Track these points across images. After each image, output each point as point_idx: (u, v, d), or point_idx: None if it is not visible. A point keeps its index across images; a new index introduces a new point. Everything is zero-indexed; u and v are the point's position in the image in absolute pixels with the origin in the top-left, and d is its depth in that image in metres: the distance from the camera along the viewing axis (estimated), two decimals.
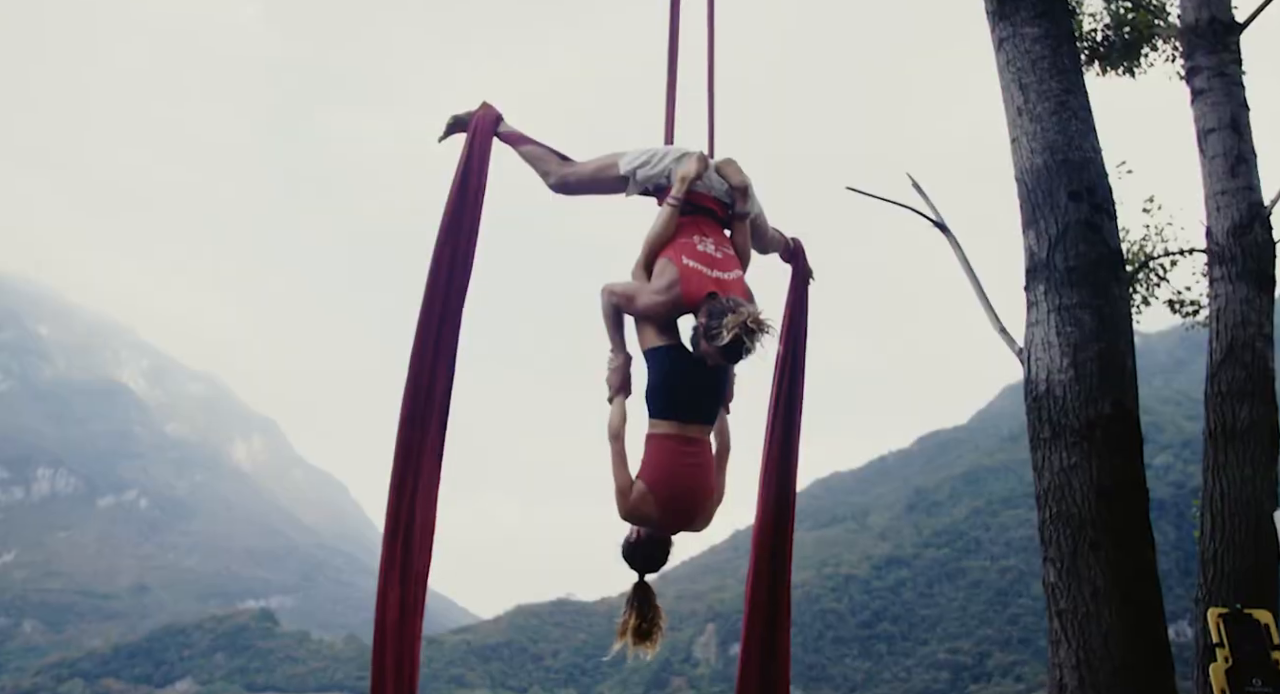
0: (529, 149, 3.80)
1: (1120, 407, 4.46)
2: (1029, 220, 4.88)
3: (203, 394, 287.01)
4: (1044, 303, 4.70)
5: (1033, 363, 4.69)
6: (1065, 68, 5.05)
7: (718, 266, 3.55)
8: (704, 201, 3.71)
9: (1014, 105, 5.08)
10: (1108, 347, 4.52)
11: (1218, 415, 5.48)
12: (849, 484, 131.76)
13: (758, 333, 3.27)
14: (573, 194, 3.86)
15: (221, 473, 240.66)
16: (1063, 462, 4.45)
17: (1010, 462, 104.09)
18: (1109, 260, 4.67)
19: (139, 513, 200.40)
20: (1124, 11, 7.82)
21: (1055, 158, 4.84)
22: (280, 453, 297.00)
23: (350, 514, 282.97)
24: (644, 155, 3.76)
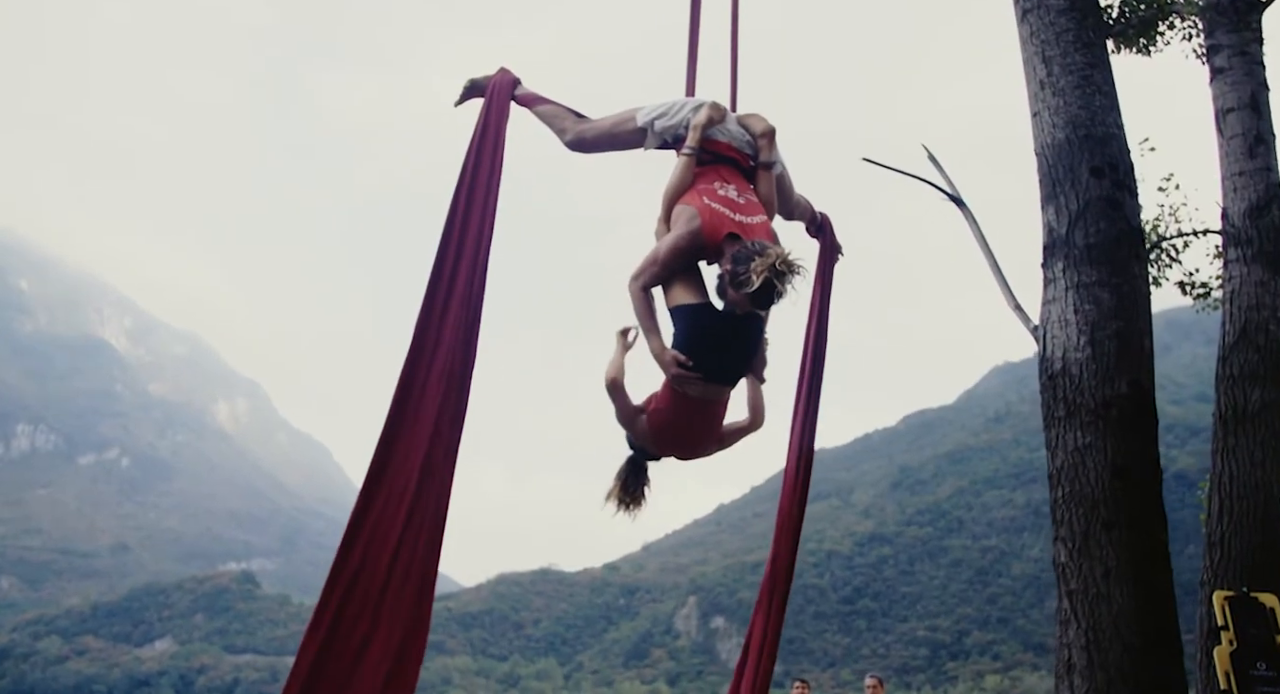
0: (546, 108, 3.73)
1: (1137, 386, 4.40)
2: (1049, 195, 4.79)
3: (186, 354, 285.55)
4: (1062, 280, 4.62)
5: (1048, 340, 4.62)
6: (1090, 41, 4.94)
7: (740, 211, 3.44)
8: (725, 150, 3.62)
9: (1036, 78, 4.97)
10: (1126, 326, 4.45)
11: (1229, 398, 5.42)
12: (834, 460, 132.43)
13: (788, 275, 3.14)
14: (590, 151, 3.78)
15: (204, 434, 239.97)
16: (1077, 441, 4.39)
17: (995, 442, 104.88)
18: (1130, 238, 4.59)
19: (120, 472, 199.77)
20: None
21: (1078, 133, 4.74)
22: (264, 415, 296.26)
23: (334, 478, 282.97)
24: (661, 107, 3.69)
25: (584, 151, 3.78)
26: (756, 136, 3.65)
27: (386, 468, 3.08)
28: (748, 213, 3.45)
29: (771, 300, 3.21)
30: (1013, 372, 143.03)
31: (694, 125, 3.54)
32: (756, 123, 3.67)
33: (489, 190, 3.43)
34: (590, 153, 3.79)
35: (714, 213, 3.38)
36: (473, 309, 3.26)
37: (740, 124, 3.68)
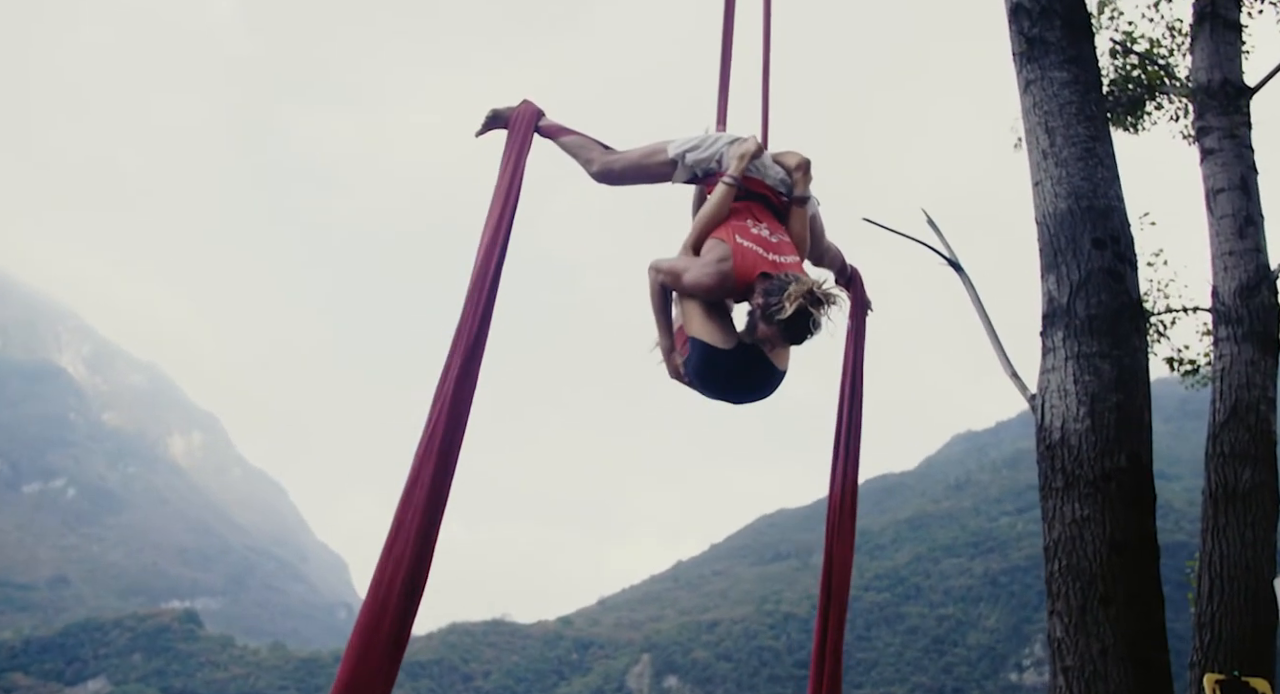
0: (570, 139, 3.66)
1: (1136, 460, 4.36)
2: (1049, 264, 4.78)
3: (144, 385, 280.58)
4: (1062, 349, 4.59)
5: (1047, 410, 4.58)
6: (1092, 114, 4.99)
7: (774, 250, 3.35)
8: (757, 187, 3.53)
9: (1039, 148, 5.00)
10: (1126, 399, 4.43)
11: (1219, 476, 5.41)
12: (794, 521, 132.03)
13: (824, 304, 3.04)
14: (616, 183, 3.69)
15: (157, 467, 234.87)
16: (1075, 513, 4.32)
17: (955, 510, 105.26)
18: (1130, 311, 4.59)
19: (65, 502, 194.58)
20: (1130, 68, 7.86)
21: (1080, 203, 4.76)
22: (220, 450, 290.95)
23: (287, 517, 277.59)
24: (694, 139, 3.62)
25: (611, 183, 3.70)
26: (791, 170, 3.59)
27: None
28: (781, 252, 3.37)
29: (806, 332, 3.11)
30: (974, 440, 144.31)
31: (740, 154, 3.46)
32: (790, 157, 3.61)
33: (505, 226, 3.35)
34: (617, 185, 3.71)
35: (746, 252, 3.29)
36: (478, 350, 3.19)
37: (776, 160, 3.62)
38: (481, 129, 3.63)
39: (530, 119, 3.60)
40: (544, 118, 3.65)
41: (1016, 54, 5.16)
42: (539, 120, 3.63)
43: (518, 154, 3.48)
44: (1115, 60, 8.10)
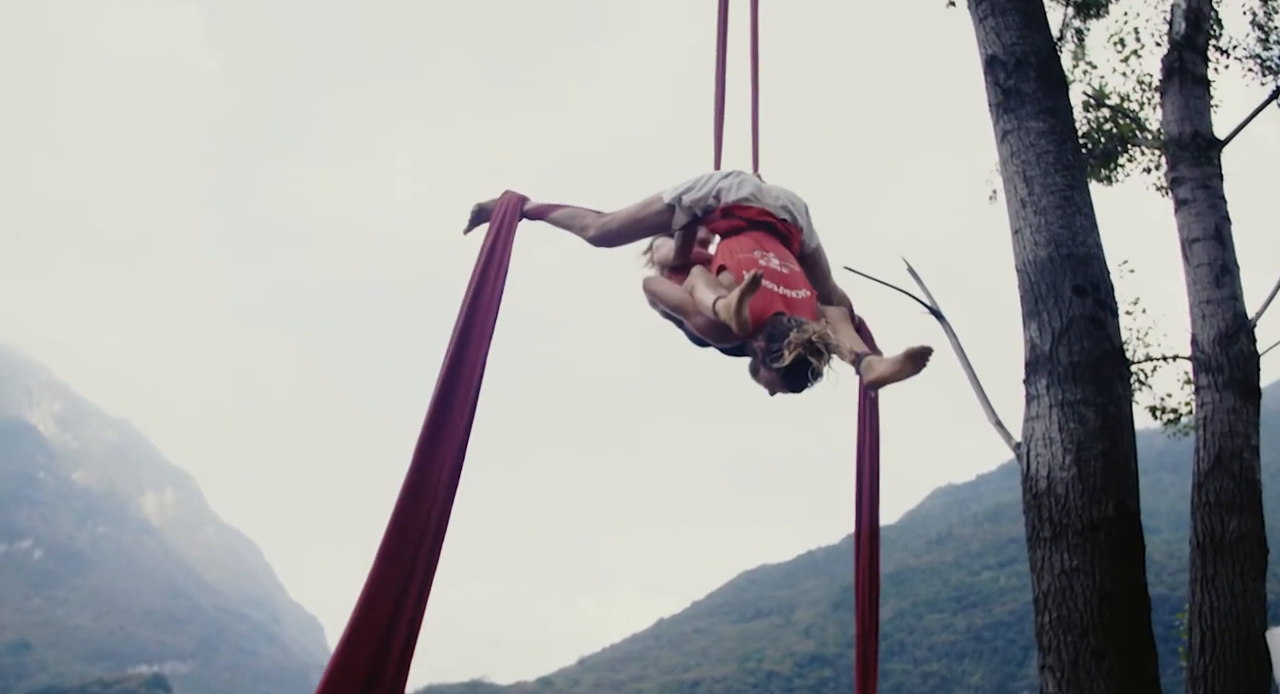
0: (560, 213, 3.61)
1: (1124, 509, 4.30)
2: (1030, 312, 4.77)
3: (116, 441, 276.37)
4: (1045, 397, 4.56)
5: (1032, 459, 4.53)
6: (1070, 164, 5.02)
7: (785, 283, 3.25)
8: (759, 215, 3.46)
9: (1017, 197, 5.02)
10: (1112, 446, 4.38)
11: (1205, 526, 5.36)
12: (776, 578, 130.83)
13: (825, 354, 2.95)
14: (616, 243, 3.65)
15: (127, 526, 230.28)
16: (1064, 564, 4.25)
17: (937, 564, 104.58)
18: (1113, 358, 4.57)
19: (31, 564, 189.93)
20: (1103, 121, 7.98)
21: (1060, 251, 4.77)
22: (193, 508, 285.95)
23: (261, 577, 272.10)
24: (687, 181, 3.56)
25: (610, 245, 3.64)
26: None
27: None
28: (792, 285, 3.27)
29: (805, 381, 3.03)
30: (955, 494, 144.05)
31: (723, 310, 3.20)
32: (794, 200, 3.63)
33: (489, 314, 3.33)
34: (616, 245, 3.66)
35: (760, 291, 3.14)
36: (462, 442, 3.15)
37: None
38: (468, 226, 3.63)
39: (513, 208, 3.57)
40: (528, 203, 3.63)
41: (993, 105, 5.21)
42: (523, 207, 3.61)
43: (502, 245, 3.45)
44: (1088, 113, 8.22)
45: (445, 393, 3.17)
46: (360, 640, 2.77)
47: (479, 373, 3.24)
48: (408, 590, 2.88)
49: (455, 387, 3.19)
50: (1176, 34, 7.04)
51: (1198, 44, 7.05)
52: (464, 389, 3.20)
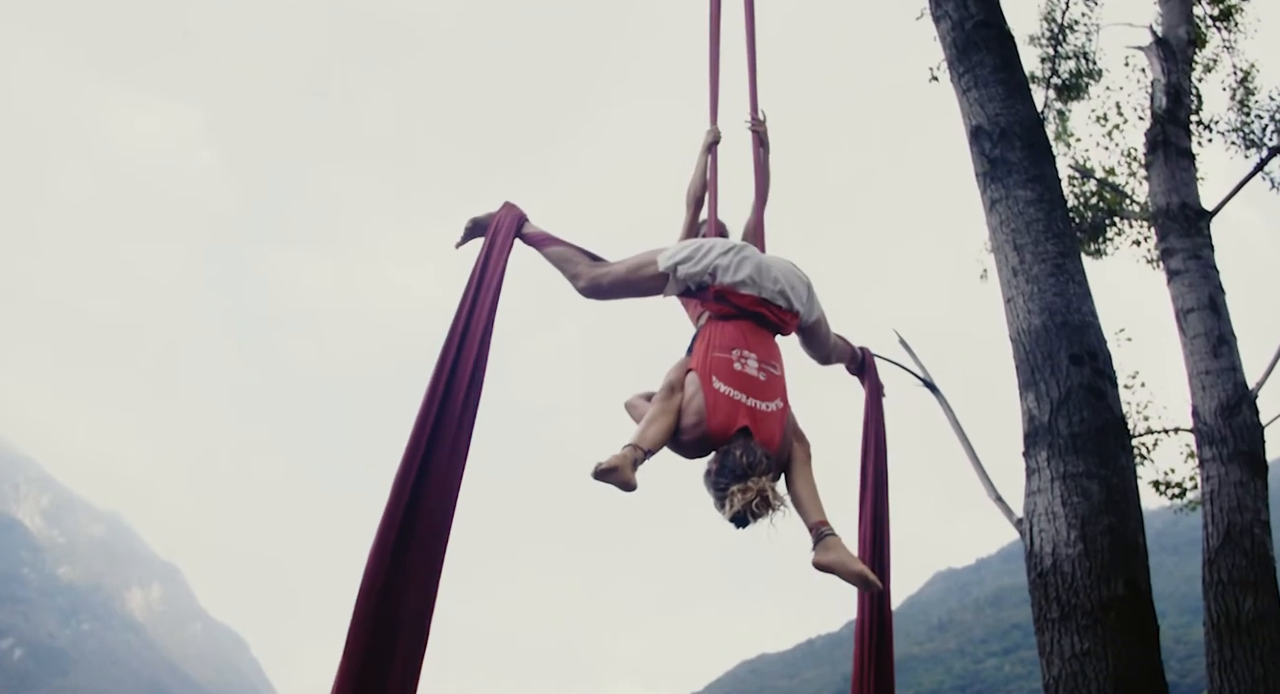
0: (556, 250, 3.39)
1: (1135, 587, 4.08)
2: (1027, 382, 4.62)
3: (103, 536, 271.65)
4: (1046, 470, 4.38)
5: (1035, 535, 4.32)
6: (1060, 231, 4.94)
7: (757, 393, 3.08)
8: (751, 304, 3.27)
9: (1009, 265, 4.92)
10: (1118, 521, 4.18)
11: (1219, 605, 5.12)
12: (776, 667, 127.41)
13: (764, 513, 2.86)
14: (605, 298, 3.42)
15: (112, 622, 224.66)
16: (1074, 647, 4.01)
17: (939, 651, 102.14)
18: (1114, 428, 4.41)
19: (10, 664, 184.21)
20: (1090, 194, 7.98)
21: (1054, 319, 4.65)
22: (180, 603, 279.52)
23: (247, 675, 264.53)
24: (686, 250, 3.36)
25: (598, 298, 3.42)
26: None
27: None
28: (765, 396, 3.10)
29: (745, 524, 2.91)
30: (955, 578, 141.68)
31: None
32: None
33: (483, 339, 3.10)
34: (605, 299, 3.43)
35: (721, 402, 3.03)
36: (456, 470, 2.91)
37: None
38: (462, 240, 3.39)
39: (512, 223, 3.35)
40: (528, 223, 3.41)
41: (980, 174, 5.16)
42: (522, 225, 3.38)
43: (497, 259, 3.24)
44: (1074, 187, 8.24)
45: (431, 424, 2.91)
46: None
47: (469, 408, 2.99)
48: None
49: (443, 418, 2.93)
50: (1159, 108, 7.08)
51: (1180, 118, 7.10)
52: (453, 419, 2.94)
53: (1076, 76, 9.27)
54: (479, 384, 3.04)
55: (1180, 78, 7.27)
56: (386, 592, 2.68)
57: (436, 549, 2.79)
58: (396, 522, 2.75)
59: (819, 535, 2.99)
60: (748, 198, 4.11)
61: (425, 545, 2.78)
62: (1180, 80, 7.24)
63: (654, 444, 2.98)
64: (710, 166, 3.93)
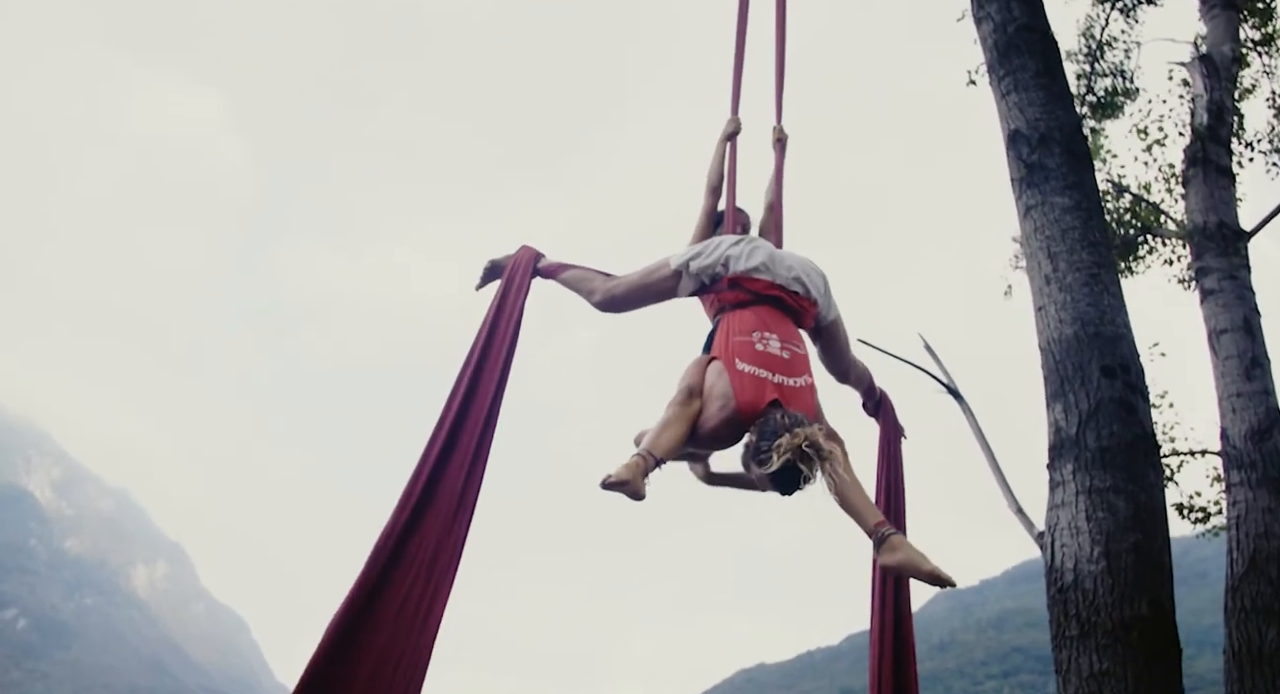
0: (570, 274, 3.48)
1: (1159, 607, 3.96)
2: (1055, 393, 4.50)
3: (111, 511, 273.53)
4: (1072, 483, 4.25)
5: (1057, 549, 4.20)
6: (1096, 240, 4.81)
7: (782, 370, 3.02)
8: (765, 288, 3.25)
9: (1041, 273, 4.80)
10: (1145, 539, 4.06)
11: (1241, 633, 4.99)
12: (774, 678, 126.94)
13: (814, 461, 2.71)
14: (622, 309, 3.48)
15: (116, 598, 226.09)
16: (1094, 666, 3.89)
17: (939, 671, 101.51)
18: (1144, 444, 4.28)
19: (14, 635, 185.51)
20: (1124, 211, 7.84)
21: (1087, 330, 4.52)
22: (184, 583, 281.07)
23: (247, 657, 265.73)
24: (696, 247, 3.40)
25: (616, 311, 3.48)
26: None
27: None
28: (791, 373, 3.04)
29: (794, 486, 2.80)
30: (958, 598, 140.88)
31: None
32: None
33: (500, 373, 3.18)
34: (622, 311, 3.49)
35: (747, 381, 2.97)
36: (466, 504, 2.98)
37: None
38: (481, 282, 3.51)
39: (528, 263, 3.47)
40: (542, 259, 3.52)
41: (1015, 179, 5.04)
42: (537, 263, 3.50)
43: (514, 302, 3.34)
44: (1109, 202, 8.10)
45: (439, 459, 3.00)
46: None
47: (483, 437, 3.08)
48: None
49: (451, 452, 3.02)
50: (1200, 125, 6.94)
51: (1221, 136, 6.95)
52: (462, 455, 3.02)
53: (1112, 95, 9.13)
54: (492, 427, 3.11)
55: (1223, 95, 7.12)
56: (380, 596, 2.78)
57: (446, 568, 2.88)
58: (394, 546, 2.85)
59: (881, 537, 2.83)
60: (758, 194, 4.09)
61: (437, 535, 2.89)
62: (1223, 98, 7.09)
63: (667, 452, 2.94)
64: (730, 156, 3.92)
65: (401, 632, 2.75)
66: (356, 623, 2.71)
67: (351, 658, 2.67)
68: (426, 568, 2.83)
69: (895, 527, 3.71)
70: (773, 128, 4.10)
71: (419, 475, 2.95)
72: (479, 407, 3.10)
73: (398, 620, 2.76)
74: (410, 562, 2.83)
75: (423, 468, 2.97)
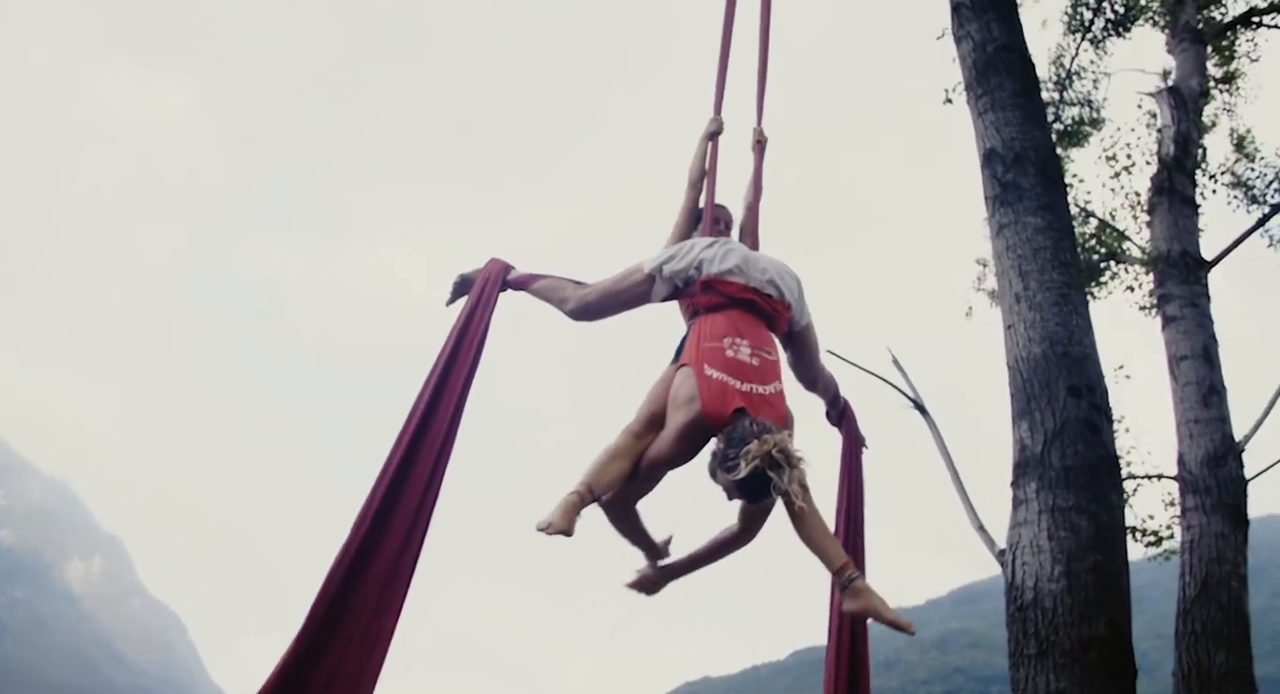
0: (541, 284, 3.45)
1: (1115, 628, 3.96)
2: (1022, 410, 4.51)
3: (47, 502, 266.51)
4: (1035, 501, 4.26)
5: (1018, 567, 4.19)
6: (1066, 261, 4.84)
7: (750, 377, 2.98)
8: (740, 292, 3.22)
9: (1012, 291, 4.82)
10: (1104, 559, 4.07)
11: (1191, 656, 5.03)
12: (718, 691, 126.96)
13: (784, 468, 2.67)
14: (595, 317, 3.44)
15: (48, 592, 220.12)
16: (1050, 684, 3.88)
17: (883, 689, 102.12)
18: (1108, 465, 4.29)
19: None
20: (1089, 236, 7.93)
21: (1055, 349, 4.54)
22: (120, 578, 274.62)
23: (183, 656, 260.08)
24: (669, 251, 3.38)
25: (589, 318, 3.45)
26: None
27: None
28: (759, 380, 3.01)
29: (762, 494, 2.79)
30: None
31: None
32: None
33: (462, 387, 3.16)
34: (596, 318, 3.46)
35: (713, 385, 2.94)
36: (422, 517, 2.96)
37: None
38: (451, 298, 3.47)
39: (497, 276, 3.44)
40: (512, 271, 3.50)
41: (989, 198, 5.06)
42: (507, 275, 3.47)
43: (479, 316, 3.31)
44: (1075, 226, 8.20)
45: (397, 474, 2.97)
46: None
47: (441, 452, 3.05)
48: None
49: (412, 464, 3.00)
50: (1166, 155, 7.05)
51: (1186, 167, 7.07)
52: (423, 466, 3.00)
53: (1079, 124, 9.28)
54: (452, 439, 3.09)
55: (1190, 127, 7.25)
56: (346, 598, 2.77)
57: (402, 573, 2.87)
58: (351, 565, 2.82)
59: (846, 581, 2.86)
60: (738, 196, 4.08)
61: (390, 577, 2.86)
62: (1190, 130, 7.22)
63: (606, 487, 2.97)
64: (711, 154, 3.91)
65: (354, 648, 2.73)
66: (318, 639, 2.69)
67: (308, 676, 2.65)
68: (381, 585, 2.81)
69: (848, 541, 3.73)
70: (753, 130, 4.09)
71: (376, 491, 2.92)
72: (439, 422, 3.09)
73: (358, 636, 2.74)
74: (367, 578, 2.81)
75: (380, 483, 2.94)
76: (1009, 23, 5.41)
